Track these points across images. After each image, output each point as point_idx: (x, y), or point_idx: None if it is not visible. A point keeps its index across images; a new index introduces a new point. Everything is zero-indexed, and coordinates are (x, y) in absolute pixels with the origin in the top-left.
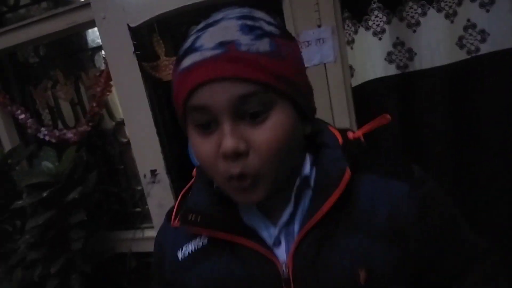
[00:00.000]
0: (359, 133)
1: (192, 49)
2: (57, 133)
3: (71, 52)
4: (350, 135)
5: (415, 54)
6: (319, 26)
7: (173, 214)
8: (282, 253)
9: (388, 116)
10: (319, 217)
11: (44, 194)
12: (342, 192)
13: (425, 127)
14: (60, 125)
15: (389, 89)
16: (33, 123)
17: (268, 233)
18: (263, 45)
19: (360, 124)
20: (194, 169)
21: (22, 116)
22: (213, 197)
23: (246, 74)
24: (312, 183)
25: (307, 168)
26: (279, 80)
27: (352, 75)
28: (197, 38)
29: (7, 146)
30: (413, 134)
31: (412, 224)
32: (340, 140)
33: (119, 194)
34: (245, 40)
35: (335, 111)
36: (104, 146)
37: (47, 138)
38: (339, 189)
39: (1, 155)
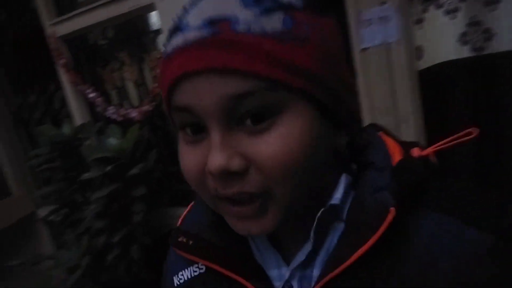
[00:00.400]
0: (430, 150)
1: (176, 29)
2: (122, 111)
3: (136, 35)
4: (416, 152)
5: (494, 34)
6: (383, 3)
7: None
8: None
9: (477, 130)
10: (347, 264)
11: (109, 168)
12: (382, 235)
13: (507, 119)
14: (125, 104)
15: (461, 73)
16: (102, 102)
17: (279, 274)
18: (273, 22)
19: (427, 111)
20: None
21: (92, 94)
22: (214, 219)
23: (242, 66)
24: (344, 215)
25: (338, 195)
26: (293, 73)
27: (419, 58)
28: (186, 12)
29: (78, 122)
30: (491, 127)
31: None
32: (397, 158)
33: (178, 173)
34: (245, 16)
35: (398, 96)
36: (165, 126)
37: (113, 116)
38: (378, 233)
39: (73, 130)
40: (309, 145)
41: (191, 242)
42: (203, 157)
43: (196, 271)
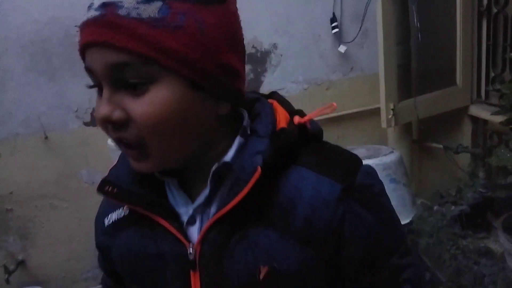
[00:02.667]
0: (305, 118)
1: (88, 6)
2: None
3: None
4: (297, 119)
5: None
6: None
7: (102, 180)
8: (194, 233)
9: (335, 105)
10: (229, 207)
11: None
12: (253, 187)
13: None
14: None
15: None
16: None
17: (187, 211)
18: (150, 10)
19: None
20: None
21: None
22: (129, 171)
23: (118, 42)
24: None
25: (230, 154)
26: (161, 52)
27: None
28: None
29: None
30: None
31: (330, 230)
32: (280, 126)
33: None
34: (129, 3)
35: None
36: None
37: None
38: (248, 186)
39: None
40: (177, 110)
41: (115, 190)
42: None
43: (121, 214)
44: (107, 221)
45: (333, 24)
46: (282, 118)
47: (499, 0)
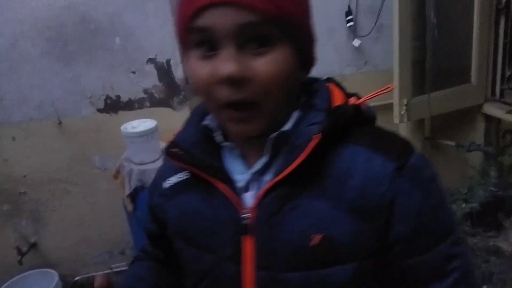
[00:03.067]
0: (361, 100)
1: None
2: None
3: None
4: (353, 100)
5: None
6: None
7: (166, 146)
8: (248, 200)
9: (392, 86)
10: (286, 173)
11: None
12: (309, 155)
13: None
14: None
15: None
16: None
17: (242, 178)
18: None
19: None
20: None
21: None
22: (199, 135)
23: (253, 2)
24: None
25: (289, 124)
26: (285, 15)
27: None
28: None
29: None
30: None
31: (382, 205)
32: (335, 103)
33: None
34: None
35: None
36: None
37: None
38: (304, 154)
39: None
40: (288, 72)
41: (181, 153)
42: (215, 69)
43: (181, 177)
44: (166, 184)
45: (348, 18)
46: (338, 97)
47: None
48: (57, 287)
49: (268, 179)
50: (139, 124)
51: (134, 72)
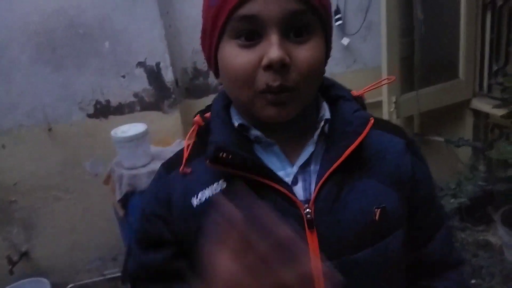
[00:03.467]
0: (362, 91)
1: None
2: None
3: None
4: (354, 92)
5: None
6: None
7: (184, 159)
8: (299, 192)
9: (394, 77)
10: (340, 161)
11: None
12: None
13: None
14: None
15: None
16: None
17: (285, 173)
18: None
19: None
20: (196, 116)
21: None
22: (236, 135)
23: None
24: (326, 129)
25: (327, 114)
26: (322, 6)
27: None
28: None
29: None
30: None
31: (409, 175)
32: (354, 95)
33: None
34: None
35: None
36: None
37: None
38: (362, 136)
39: None
40: (322, 60)
41: (230, 156)
42: (258, 56)
43: (217, 189)
44: (196, 201)
45: (337, 16)
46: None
47: None
48: None
49: (314, 169)
50: (129, 128)
51: (124, 76)
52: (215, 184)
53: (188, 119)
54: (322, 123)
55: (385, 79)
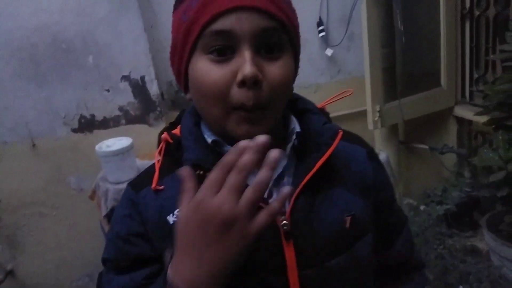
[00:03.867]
0: (323, 104)
1: None
2: None
3: None
4: (319, 105)
5: None
6: None
7: (156, 176)
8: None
9: (351, 90)
10: (313, 172)
11: None
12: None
13: None
14: None
15: None
16: None
17: None
18: None
19: None
20: (163, 134)
21: None
22: (208, 152)
23: (272, 9)
24: (296, 142)
25: (297, 127)
26: (292, 25)
27: None
28: None
29: None
30: None
31: (371, 182)
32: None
33: None
34: None
35: None
36: None
37: None
38: (333, 147)
39: None
40: (292, 77)
41: (207, 174)
42: (231, 72)
43: None
44: (173, 218)
45: (320, 28)
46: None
47: (481, 3)
48: None
49: (288, 181)
50: (114, 142)
51: (108, 90)
52: None
53: None
54: (294, 136)
55: (344, 92)
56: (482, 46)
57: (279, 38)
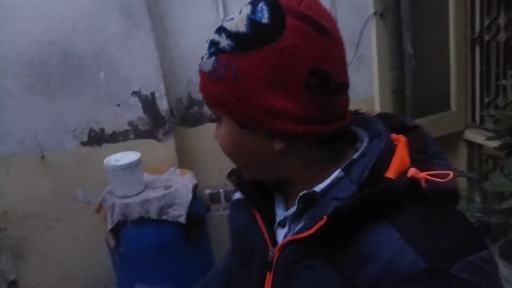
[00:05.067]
0: (423, 174)
1: None
2: None
3: None
4: (411, 172)
5: None
6: None
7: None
8: (280, 237)
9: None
10: (301, 236)
11: None
12: (320, 230)
13: None
14: None
15: None
16: None
17: (282, 214)
18: (209, 64)
19: None
20: None
21: None
22: None
23: (200, 90)
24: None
25: (322, 185)
26: (213, 99)
27: None
28: None
29: None
30: None
31: None
32: (385, 174)
33: None
34: (204, 58)
35: None
36: None
37: None
38: (312, 230)
39: None
40: (232, 142)
41: (237, 181)
42: None
43: (238, 196)
44: (234, 197)
45: None
46: (396, 164)
47: (491, 28)
48: None
49: (298, 227)
50: (123, 157)
51: (118, 105)
52: (239, 193)
53: (182, 147)
54: (302, 192)
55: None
56: (492, 71)
57: (213, 111)
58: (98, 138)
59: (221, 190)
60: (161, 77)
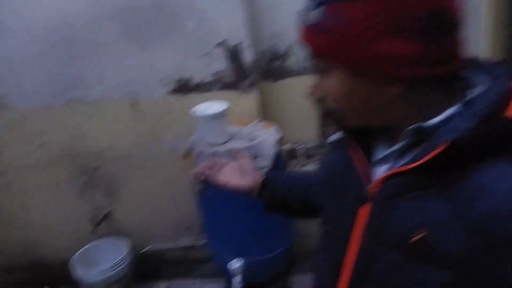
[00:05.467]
0: None
1: None
2: None
3: None
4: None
5: None
6: None
7: None
8: (379, 172)
9: None
10: (410, 167)
11: None
12: (429, 162)
13: None
14: None
15: None
16: None
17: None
18: (314, 16)
19: None
20: None
21: None
22: None
23: (307, 41)
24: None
25: (434, 120)
26: (323, 51)
27: None
28: None
29: None
30: None
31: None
32: (504, 113)
33: None
34: (308, 9)
35: None
36: None
37: None
38: (427, 157)
39: None
40: (342, 92)
41: (337, 120)
42: None
43: (336, 137)
44: (330, 139)
45: None
46: (498, 101)
47: None
48: (128, 255)
49: (401, 163)
50: (210, 106)
51: (204, 55)
52: (338, 133)
53: (265, 100)
54: (410, 127)
55: None
56: None
57: (321, 62)
58: (184, 88)
59: (300, 146)
60: (247, 28)
